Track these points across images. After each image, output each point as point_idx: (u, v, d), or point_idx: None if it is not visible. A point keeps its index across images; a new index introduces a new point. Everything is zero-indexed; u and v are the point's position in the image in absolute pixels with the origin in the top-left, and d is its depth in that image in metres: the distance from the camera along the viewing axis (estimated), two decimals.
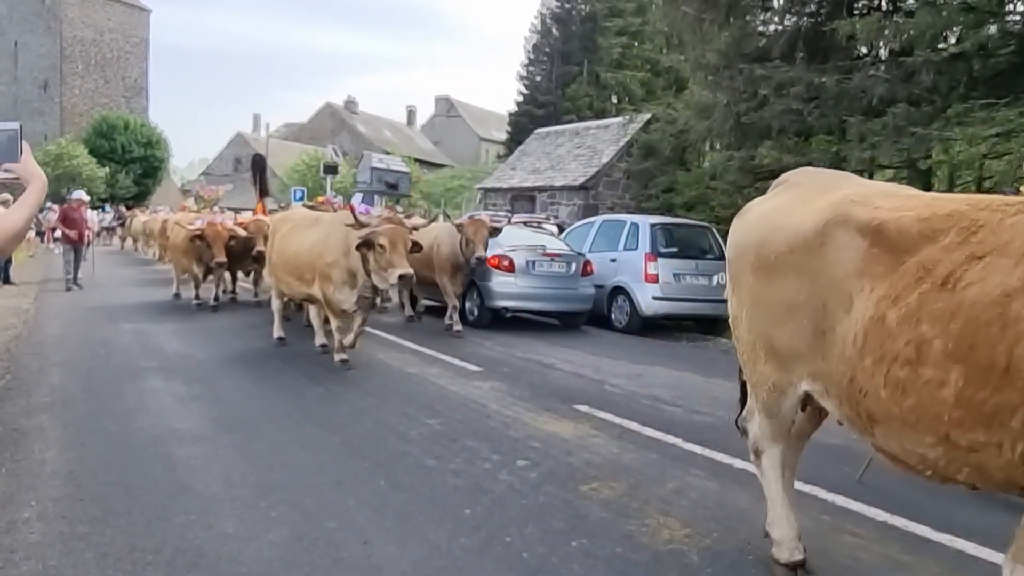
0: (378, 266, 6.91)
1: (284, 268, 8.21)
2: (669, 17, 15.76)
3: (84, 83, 55.93)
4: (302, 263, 7.80)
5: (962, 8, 10.66)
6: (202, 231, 11.00)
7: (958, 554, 3.59)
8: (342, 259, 7.29)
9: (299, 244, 7.92)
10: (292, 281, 8.08)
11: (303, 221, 8.39)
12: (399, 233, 6.95)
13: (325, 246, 7.51)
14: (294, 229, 8.22)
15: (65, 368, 7.31)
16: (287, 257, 8.10)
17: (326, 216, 8.44)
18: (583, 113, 33.23)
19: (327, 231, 7.68)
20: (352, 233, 7.08)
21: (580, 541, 3.62)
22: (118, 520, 3.73)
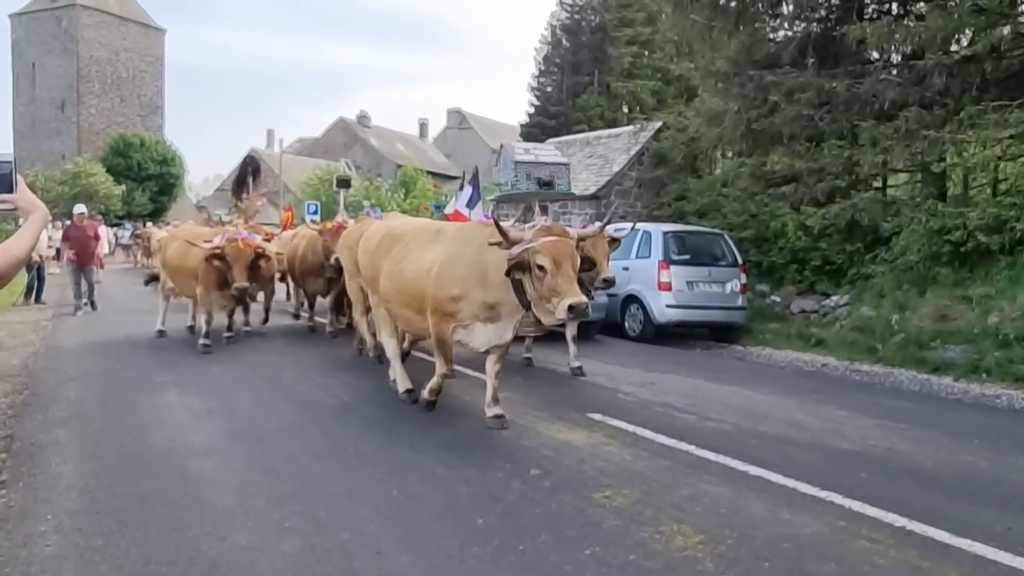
0: (539, 295, 5.24)
1: (399, 298, 6.23)
2: (679, 26, 15.82)
3: (100, 102, 56.71)
4: (418, 291, 5.92)
5: (973, 10, 10.60)
6: (221, 249, 8.84)
7: (977, 559, 3.53)
8: (476, 290, 5.57)
9: (416, 266, 5.99)
10: (412, 316, 6.15)
11: (418, 234, 6.42)
12: (564, 249, 5.20)
13: (451, 272, 5.68)
14: (409, 245, 6.28)
15: (81, 383, 7.39)
16: (404, 283, 6.13)
17: (450, 227, 6.51)
18: (594, 123, 33.27)
19: (454, 250, 5.83)
20: (494, 253, 5.41)
21: (593, 549, 3.60)
22: (133, 532, 3.75)
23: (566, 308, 4.98)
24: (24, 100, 57.00)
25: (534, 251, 5.17)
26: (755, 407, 6.64)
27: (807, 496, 4.35)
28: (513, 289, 5.42)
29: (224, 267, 8.76)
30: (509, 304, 5.54)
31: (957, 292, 9.48)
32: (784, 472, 4.72)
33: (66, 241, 13.61)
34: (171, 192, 53.04)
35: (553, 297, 5.09)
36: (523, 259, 5.21)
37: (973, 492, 4.52)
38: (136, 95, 59.24)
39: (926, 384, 7.80)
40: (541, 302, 5.22)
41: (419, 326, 6.19)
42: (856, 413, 6.49)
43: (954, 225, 9.75)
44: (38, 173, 43.03)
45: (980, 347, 8.19)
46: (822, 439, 5.66)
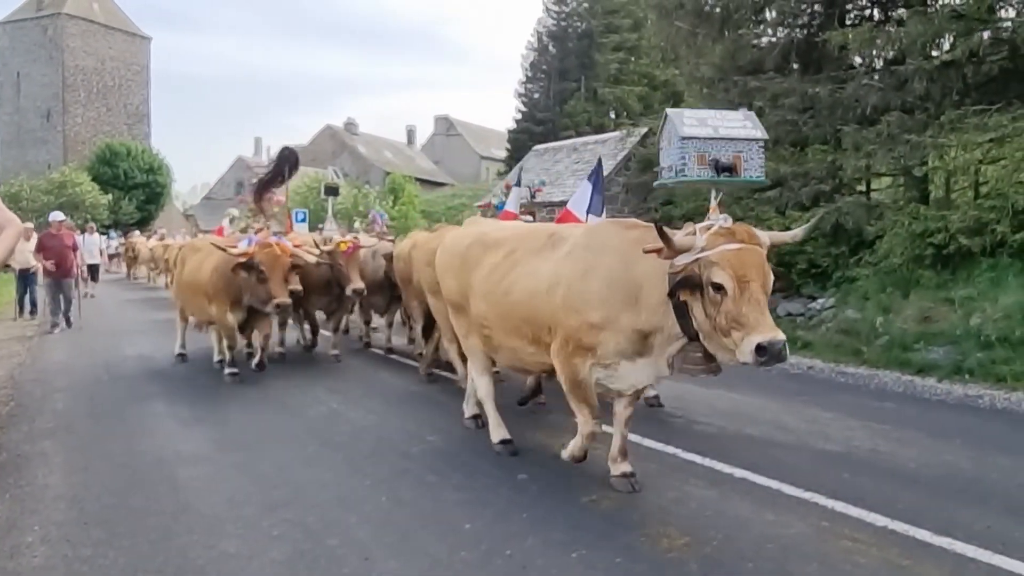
0: (713, 326, 3.74)
1: (504, 324, 4.89)
2: (664, 32, 15.95)
3: (86, 111, 56.52)
4: (534, 315, 4.60)
5: (953, 16, 10.76)
6: (250, 256, 7.29)
7: (957, 557, 3.59)
8: (624, 315, 4.14)
9: (530, 282, 4.66)
10: (523, 347, 4.81)
11: (524, 240, 5.00)
12: (753, 262, 3.68)
13: (587, 290, 4.27)
14: (514, 256, 4.91)
15: (69, 394, 7.36)
16: (511, 305, 4.77)
17: (571, 231, 4.92)
18: (581, 128, 33.40)
19: (587, 260, 4.39)
20: (648, 264, 4.03)
21: (580, 552, 3.64)
22: (121, 542, 3.76)
23: (753, 349, 3.52)
24: (9, 109, 56.73)
25: (708, 263, 3.71)
26: (741, 409, 6.69)
27: (791, 497, 4.41)
28: (676, 313, 3.95)
29: (254, 279, 7.26)
30: (666, 332, 4.09)
31: (940, 294, 9.57)
32: (769, 474, 4.77)
33: (41, 251, 12.14)
34: (158, 201, 52.86)
35: (734, 330, 3.61)
36: (692, 274, 3.76)
37: (955, 492, 4.58)
38: (122, 104, 59.08)
39: (910, 385, 7.88)
40: (716, 335, 3.75)
41: (533, 360, 4.82)
42: (841, 415, 6.56)
43: (936, 228, 9.85)
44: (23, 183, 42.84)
45: (963, 348, 8.27)
46: (807, 440, 5.72)
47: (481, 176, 56.25)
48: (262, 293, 7.25)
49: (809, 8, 13.78)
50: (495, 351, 5.20)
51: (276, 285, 7.19)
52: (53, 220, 12.58)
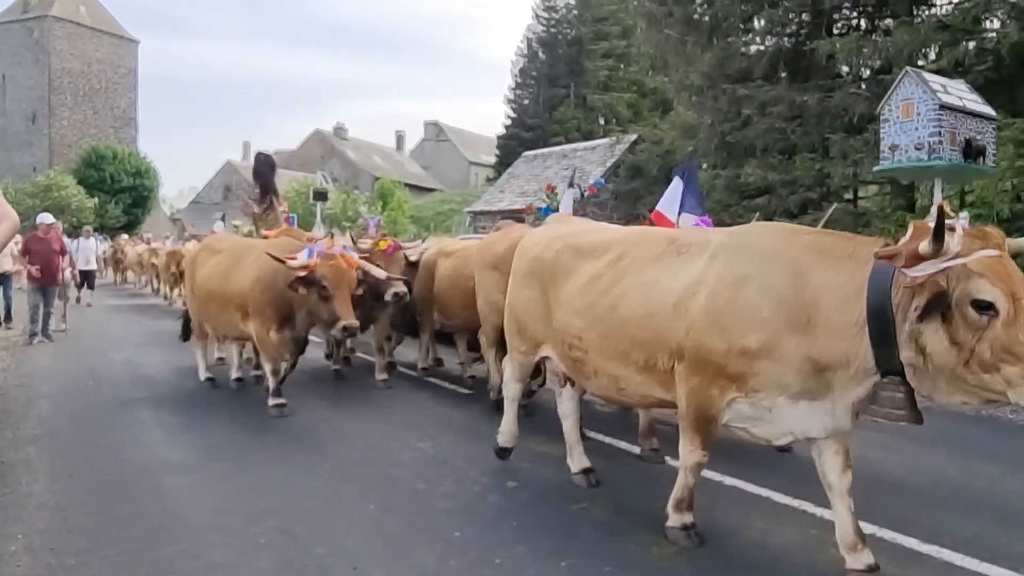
0: (967, 358, 2.89)
1: (606, 345, 4.01)
2: (653, 40, 16.05)
3: (72, 114, 56.15)
4: (652, 336, 3.75)
5: (938, 27, 10.89)
6: (312, 269, 6.14)
7: (944, 565, 3.61)
8: (794, 339, 3.27)
9: (650, 295, 3.79)
10: (627, 375, 3.95)
11: (636, 245, 4.13)
12: (1016, 271, 2.91)
13: (741, 306, 3.41)
14: (623, 263, 4.05)
15: (53, 400, 7.29)
16: (619, 322, 3.92)
17: (698, 234, 4.12)
18: (571, 135, 33.52)
19: (740, 269, 3.50)
20: (830, 275, 3.25)
21: (570, 560, 3.63)
22: (106, 551, 3.72)
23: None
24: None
25: (966, 274, 2.86)
26: None
27: (781, 505, 4.42)
28: (874, 340, 3.10)
29: (315, 296, 6.18)
30: (854, 367, 3.19)
31: None
32: (759, 482, 4.77)
33: (26, 255, 11.26)
34: (145, 205, 52.55)
35: (1006, 364, 2.79)
36: (941, 289, 2.90)
37: (941, 499, 4.61)
38: (109, 107, 58.73)
39: None
40: (968, 370, 2.89)
41: (638, 391, 3.98)
42: None
43: None
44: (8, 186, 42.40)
45: None
46: (795, 449, 5.73)
47: (470, 182, 56.25)
48: (324, 313, 6.17)
49: (797, 17, 13.91)
50: (586, 377, 4.29)
51: (342, 304, 6.14)
52: (41, 222, 11.64)
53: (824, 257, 3.32)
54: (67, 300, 13.01)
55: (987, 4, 10.44)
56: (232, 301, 6.86)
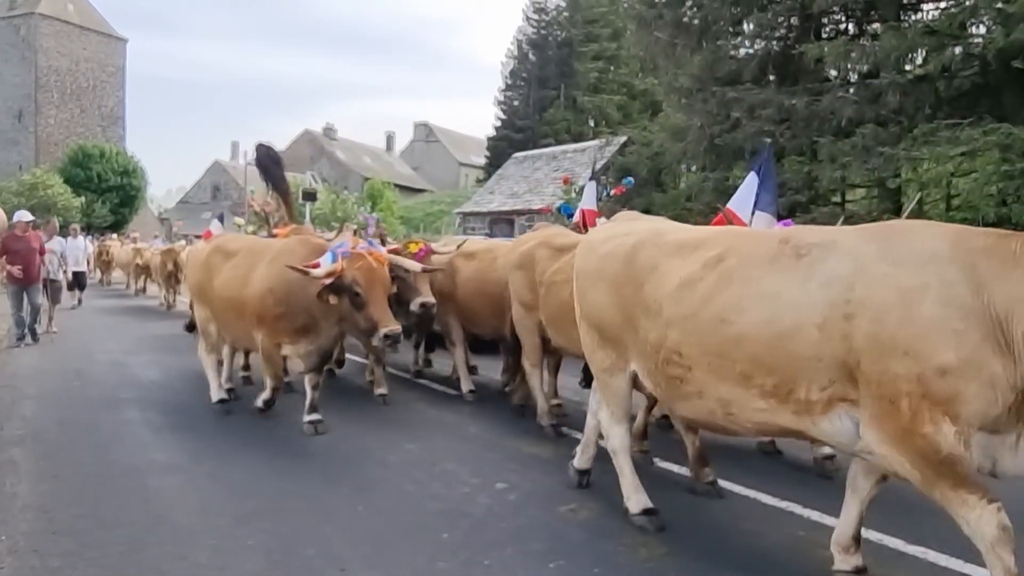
0: None
1: (716, 363, 3.39)
2: (643, 42, 16.07)
3: (59, 112, 55.72)
4: (785, 358, 3.14)
5: (925, 31, 10.96)
6: (339, 274, 5.47)
7: (930, 566, 3.64)
8: (994, 360, 2.75)
9: (772, 309, 3.20)
10: (741, 395, 3.33)
11: (741, 245, 3.54)
12: None
13: (913, 318, 2.85)
14: (722, 265, 3.45)
15: (39, 401, 7.22)
16: (733, 338, 3.31)
17: (821, 233, 3.38)
18: (561, 137, 33.57)
19: (899, 278, 2.92)
20: (1014, 285, 2.76)
21: (558, 562, 3.63)
22: (91, 553, 3.69)
23: None
24: None
25: None
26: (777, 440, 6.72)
27: (769, 507, 4.43)
28: None
29: (346, 304, 5.51)
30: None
31: None
32: (747, 484, 4.79)
33: (4, 255, 10.81)
34: (132, 204, 52.21)
35: None
36: None
37: (928, 501, 4.63)
38: (96, 105, 58.33)
39: None
40: None
41: (757, 419, 3.35)
42: None
43: None
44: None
45: None
46: (784, 450, 5.76)
47: (460, 183, 56.24)
48: (361, 322, 5.49)
49: (786, 21, 13.98)
50: (685, 398, 3.60)
51: (379, 309, 5.43)
52: (18, 221, 11.15)
53: (1008, 264, 2.78)
54: (57, 302, 12.61)
55: (973, 10, 10.52)
56: (244, 309, 6.17)
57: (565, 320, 5.33)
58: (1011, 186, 9.19)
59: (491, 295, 6.93)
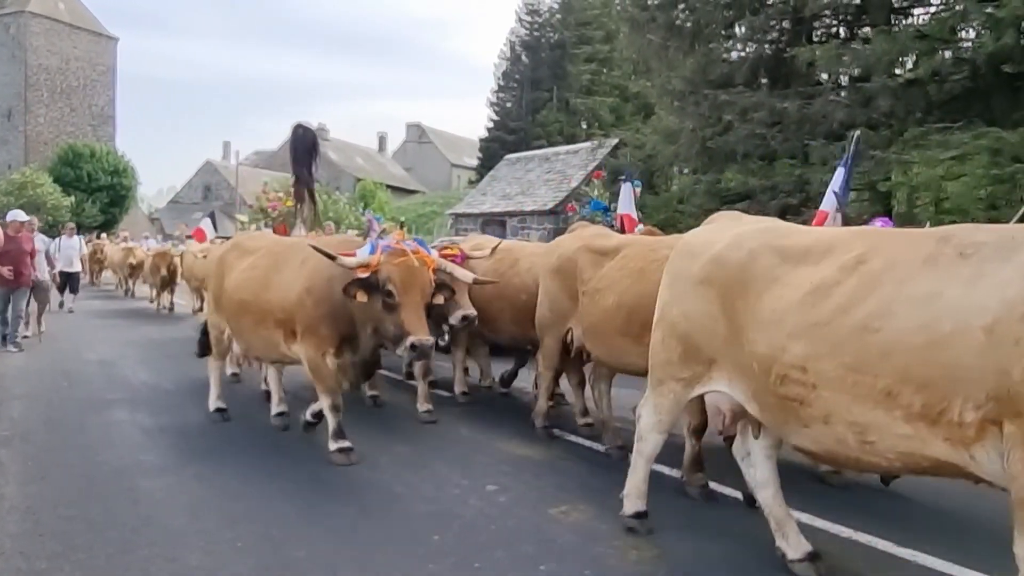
0: None
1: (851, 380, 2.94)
2: (636, 44, 16.12)
3: (49, 111, 55.38)
4: (944, 372, 2.70)
5: (916, 36, 11.04)
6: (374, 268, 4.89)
7: (921, 568, 3.65)
8: None
9: (931, 315, 2.76)
10: (882, 419, 2.87)
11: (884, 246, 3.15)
12: None
13: None
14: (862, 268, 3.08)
15: (26, 401, 7.16)
16: (877, 351, 2.87)
17: (986, 230, 2.94)
18: (553, 138, 33.60)
19: None
20: None
21: (549, 565, 3.62)
22: (78, 555, 3.66)
23: None
24: None
25: None
26: None
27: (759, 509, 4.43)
28: None
29: (376, 305, 4.87)
30: None
31: None
32: (737, 486, 4.77)
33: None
34: (123, 204, 51.87)
35: None
36: None
37: (918, 504, 4.65)
38: (87, 104, 57.99)
39: None
40: None
41: (897, 447, 2.88)
42: None
43: None
44: None
45: None
46: None
47: (452, 184, 56.20)
48: (390, 327, 4.83)
49: (777, 25, 14.04)
50: (804, 423, 3.12)
51: (413, 315, 4.76)
52: (12, 220, 10.56)
53: None
54: (45, 304, 12.03)
55: (963, 14, 10.59)
56: (272, 314, 5.50)
57: (608, 331, 5.17)
58: (1000, 190, 9.25)
59: (511, 299, 6.55)
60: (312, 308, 5.20)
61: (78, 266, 16.09)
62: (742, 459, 3.91)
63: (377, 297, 4.84)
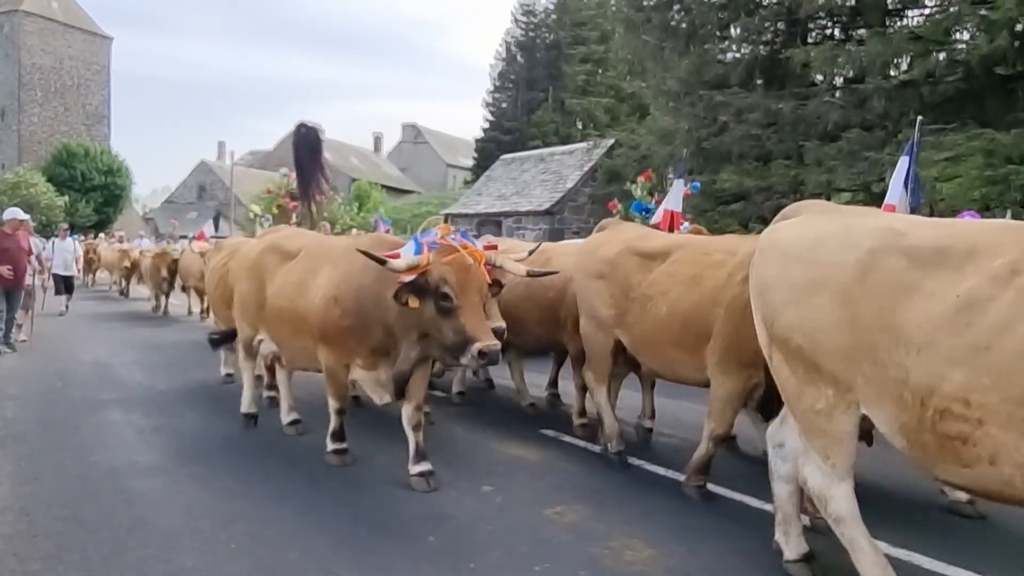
0: None
1: None
2: (631, 45, 16.14)
3: (43, 111, 55.18)
4: None
5: (910, 37, 11.08)
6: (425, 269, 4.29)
7: (914, 568, 3.66)
8: None
9: None
10: None
11: None
12: None
13: None
14: None
15: (20, 401, 7.14)
16: None
17: None
18: (549, 139, 33.60)
19: None
20: None
21: (544, 565, 3.62)
22: (72, 556, 3.64)
23: None
24: None
25: None
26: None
27: (753, 509, 4.44)
28: None
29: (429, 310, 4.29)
30: None
31: None
32: (732, 486, 4.80)
33: None
34: (117, 204, 51.74)
35: None
36: None
37: (911, 504, 4.67)
38: (81, 104, 57.80)
39: None
40: None
41: None
42: None
43: None
44: None
45: None
46: None
47: (448, 184, 56.16)
48: (449, 334, 4.23)
49: (772, 26, 14.08)
50: (968, 464, 2.67)
51: (474, 319, 4.21)
52: (12, 218, 10.18)
53: None
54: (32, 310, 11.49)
55: (957, 16, 10.64)
56: (305, 323, 5.05)
57: (663, 341, 4.76)
58: (994, 191, 9.29)
59: (540, 301, 6.23)
60: (339, 319, 4.73)
61: (73, 268, 15.56)
62: (774, 446, 3.64)
63: (429, 301, 4.27)
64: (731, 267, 4.43)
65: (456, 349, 4.23)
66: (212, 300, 7.88)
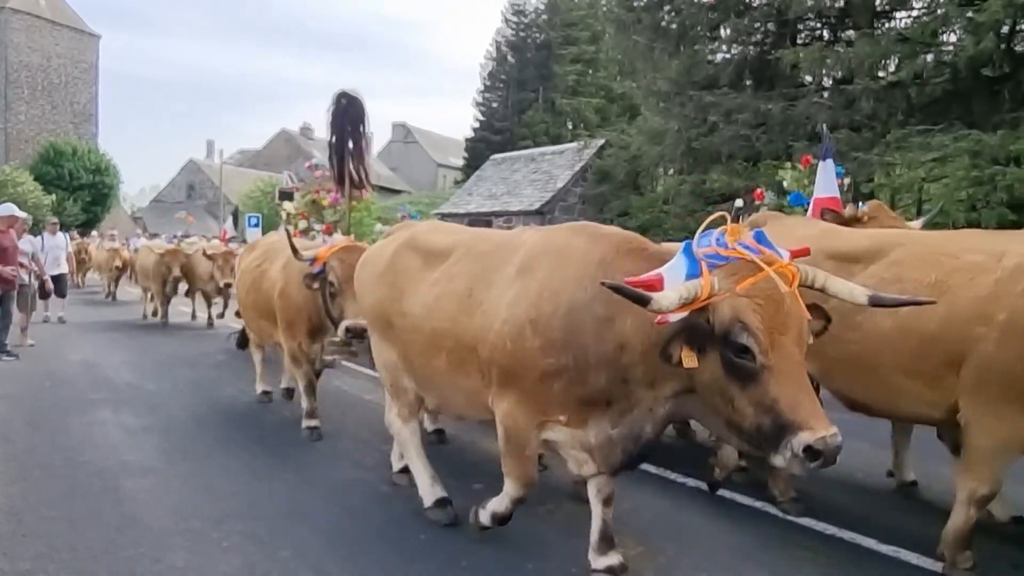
0: None
1: None
2: (622, 46, 16.21)
3: (30, 109, 54.72)
4: None
5: (898, 39, 11.18)
6: (710, 302, 2.56)
7: (902, 564, 3.70)
8: None
9: None
10: None
11: None
12: None
13: None
14: None
15: (8, 401, 7.09)
16: None
17: None
18: (539, 139, 33.63)
19: None
20: None
21: (536, 563, 3.64)
22: (61, 556, 3.63)
23: None
24: None
25: None
26: (694, 421, 6.78)
27: (743, 506, 4.47)
28: None
29: (710, 364, 2.64)
30: None
31: None
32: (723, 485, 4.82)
33: None
34: (105, 203, 51.37)
35: None
36: None
37: (899, 501, 4.71)
38: (68, 102, 57.35)
39: None
40: None
41: None
42: None
43: None
44: None
45: None
46: None
47: (438, 184, 56.11)
48: (748, 412, 2.57)
49: (762, 27, 14.16)
50: None
51: (791, 388, 2.50)
52: (9, 214, 9.63)
53: None
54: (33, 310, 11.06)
55: (945, 18, 10.73)
56: (472, 356, 3.60)
57: (883, 366, 3.66)
58: (980, 191, 9.38)
59: None
60: (538, 354, 3.13)
61: (64, 266, 14.01)
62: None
63: (712, 353, 2.62)
64: (1001, 273, 3.30)
65: (764, 437, 2.54)
66: (243, 306, 7.19)
